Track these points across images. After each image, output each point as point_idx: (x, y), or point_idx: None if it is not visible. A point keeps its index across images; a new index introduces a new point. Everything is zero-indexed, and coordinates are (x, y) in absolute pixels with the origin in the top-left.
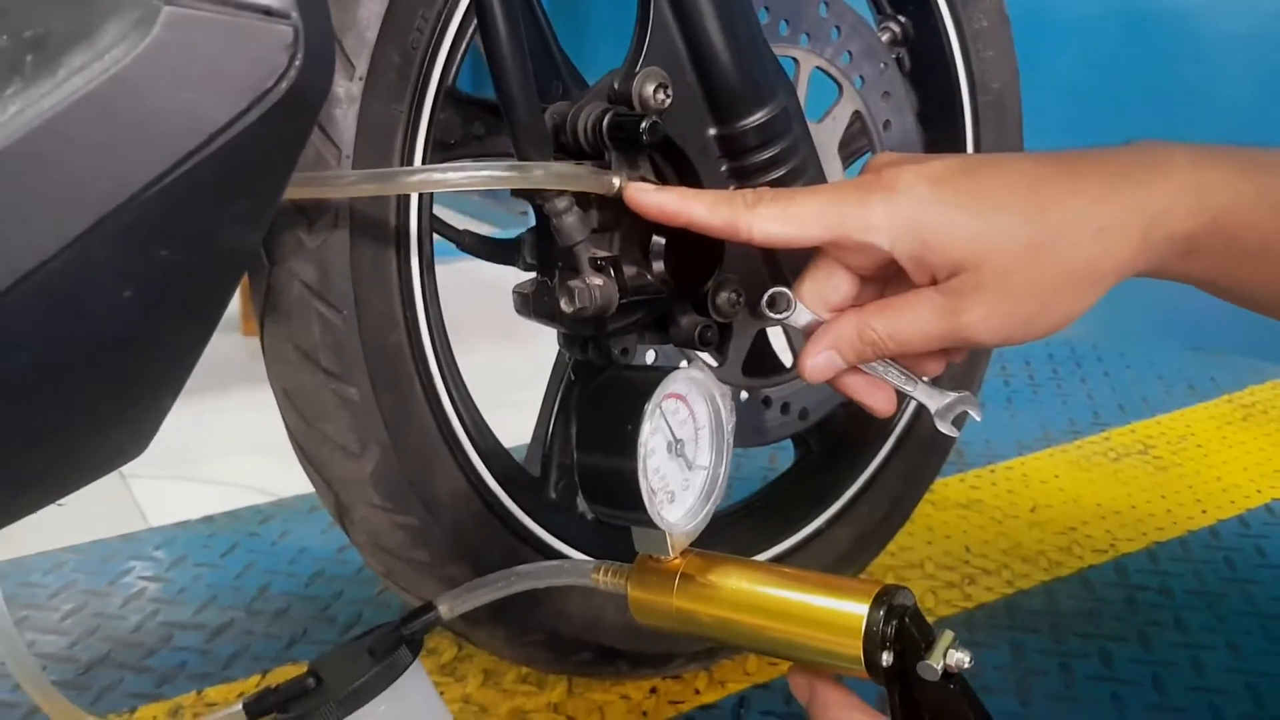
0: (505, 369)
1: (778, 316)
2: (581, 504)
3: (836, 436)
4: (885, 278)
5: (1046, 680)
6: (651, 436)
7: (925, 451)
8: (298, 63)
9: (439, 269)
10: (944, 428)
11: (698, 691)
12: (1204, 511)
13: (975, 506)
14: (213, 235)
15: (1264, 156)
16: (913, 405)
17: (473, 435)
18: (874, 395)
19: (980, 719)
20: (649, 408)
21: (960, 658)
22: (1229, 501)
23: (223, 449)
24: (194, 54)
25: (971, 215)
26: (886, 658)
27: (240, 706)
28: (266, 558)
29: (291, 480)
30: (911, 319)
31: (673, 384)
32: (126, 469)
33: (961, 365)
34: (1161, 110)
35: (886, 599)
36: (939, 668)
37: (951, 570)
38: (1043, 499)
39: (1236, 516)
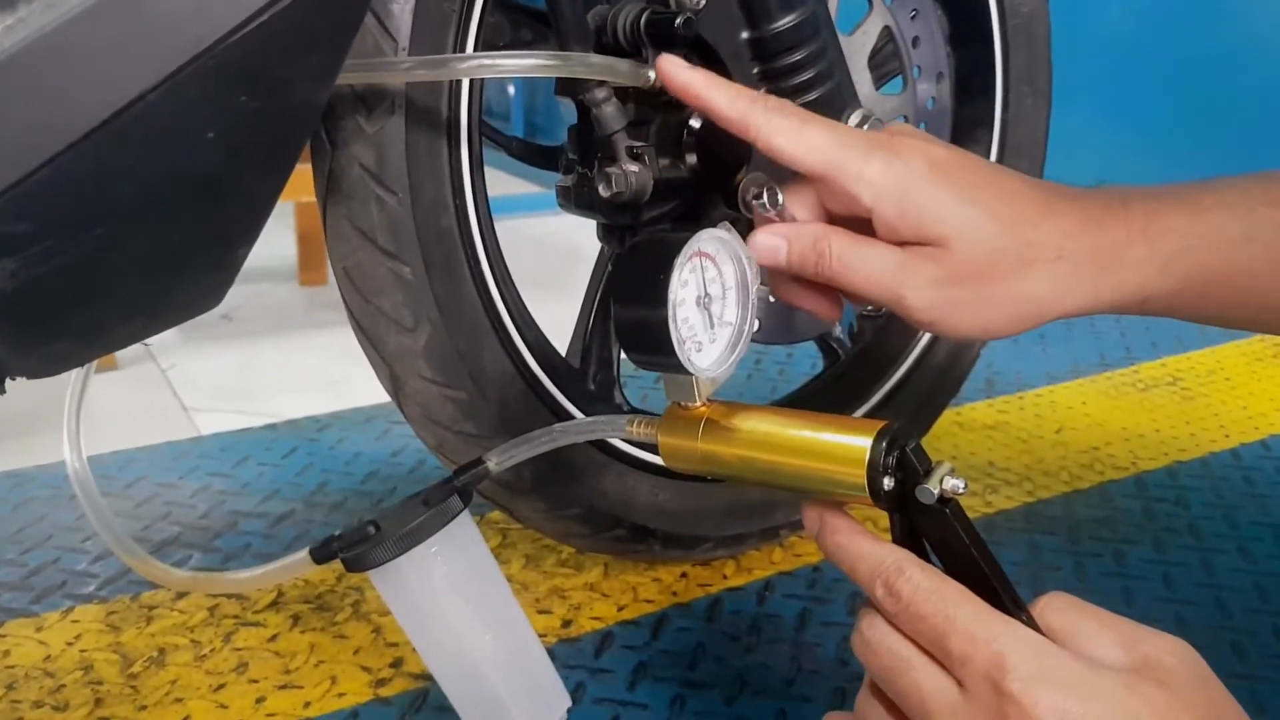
0: (550, 317)
1: (759, 207)
2: (618, 395)
3: (864, 345)
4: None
5: (1060, 575)
6: (681, 289)
7: (951, 360)
8: None
9: None
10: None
11: (725, 576)
12: (1227, 436)
13: (1001, 428)
14: (286, 85)
15: (1209, 196)
16: None
17: (518, 323)
18: (819, 302)
19: (972, 539)
20: (679, 260)
21: (955, 484)
22: (1253, 428)
23: (278, 388)
24: None
25: (953, 202)
26: (888, 483)
27: (307, 552)
28: (325, 459)
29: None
30: (867, 255)
31: (701, 242)
32: (190, 403)
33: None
34: (1208, 66)
35: (889, 432)
36: (936, 492)
37: (974, 482)
38: (1068, 422)
39: (1259, 441)
